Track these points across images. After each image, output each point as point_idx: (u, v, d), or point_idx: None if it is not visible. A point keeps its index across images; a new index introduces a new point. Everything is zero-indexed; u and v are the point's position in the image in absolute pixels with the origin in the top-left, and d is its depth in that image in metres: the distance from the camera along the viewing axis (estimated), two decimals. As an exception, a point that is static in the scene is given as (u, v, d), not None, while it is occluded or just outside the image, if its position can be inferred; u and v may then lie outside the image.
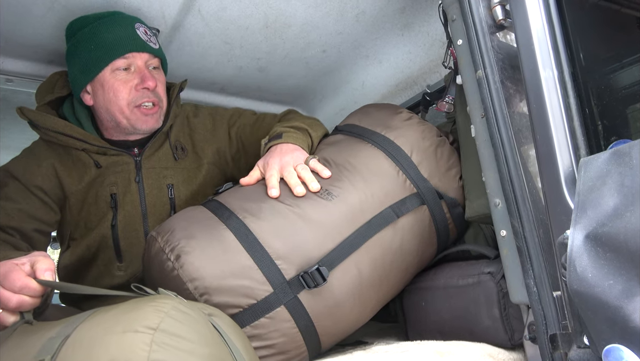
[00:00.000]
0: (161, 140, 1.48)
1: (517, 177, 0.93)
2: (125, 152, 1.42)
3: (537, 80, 0.89)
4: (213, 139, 1.58)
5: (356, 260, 1.10)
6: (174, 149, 1.49)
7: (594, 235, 0.69)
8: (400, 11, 1.59)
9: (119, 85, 1.33)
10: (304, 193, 1.13)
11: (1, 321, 0.85)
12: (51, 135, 1.36)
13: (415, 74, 1.84)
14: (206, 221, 1.09)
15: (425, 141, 1.27)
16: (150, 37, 1.38)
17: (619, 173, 0.69)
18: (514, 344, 1.08)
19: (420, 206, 1.21)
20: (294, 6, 1.49)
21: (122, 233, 1.40)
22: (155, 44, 1.39)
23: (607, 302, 0.66)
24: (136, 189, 1.41)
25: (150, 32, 1.40)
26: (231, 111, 1.65)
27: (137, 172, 1.42)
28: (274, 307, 1.01)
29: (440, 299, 1.22)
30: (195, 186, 1.49)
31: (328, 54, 1.78)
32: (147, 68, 1.36)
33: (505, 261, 0.99)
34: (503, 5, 0.99)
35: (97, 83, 1.35)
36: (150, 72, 1.36)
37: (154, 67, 1.40)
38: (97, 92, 1.36)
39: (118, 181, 1.40)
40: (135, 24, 1.36)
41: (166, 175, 1.46)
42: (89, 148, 1.38)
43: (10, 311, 0.86)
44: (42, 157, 1.38)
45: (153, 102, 1.37)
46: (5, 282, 0.85)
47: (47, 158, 1.38)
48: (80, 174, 1.38)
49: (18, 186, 1.33)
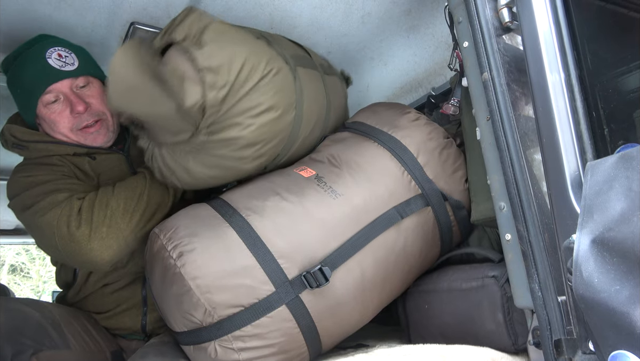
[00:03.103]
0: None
1: (523, 180, 0.93)
2: (113, 152, 1.44)
3: (544, 83, 0.88)
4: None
5: (359, 261, 1.09)
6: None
7: (600, 240, 0.69)
8: (406, 13, 1.59)
9: (55, 117, 1.35)
10: None
11: None
12: (40, 149, 1.36)
13: (421, 76, 1.84)
14: (209, 219, 1.09)
15: (432, 142, 1.27)
16: (66, 58, 1.37)
17: (626, 177, 0.69)
18: (517, 349, 1.07)
19: (425, 208, 1.21)
20: (299, 7, 1.49)
21: None
22: (72, 65, 1.37)
23: (614, 308, 0.65)
24: None
25: (65, 52, 1.38)
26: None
27: (129, 167, 1.45)
28: (276, 306, 1.01)
29: (443, 302, 1.21)
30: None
31: (333, 55, 1.78)
32: (73, 93, 1.36)
33: (510, 265, 0.98)
34: (510, 8, 0.99)
35: (39, 117, 1.38)
36: (77, 96, 1.36)
37: (82, 87, 1.39)
38: (43, 124, 1.39)
39: (114, 177, 1.40)
40: (46, 52, 1.34)
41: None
42: (78, 151, 1.38)
43: None
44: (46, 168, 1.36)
45: (92, 122, 1.38)
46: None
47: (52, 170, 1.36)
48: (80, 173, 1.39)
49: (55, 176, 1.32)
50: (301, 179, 1.19)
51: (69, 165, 1.36)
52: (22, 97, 1.38)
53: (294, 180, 1.18)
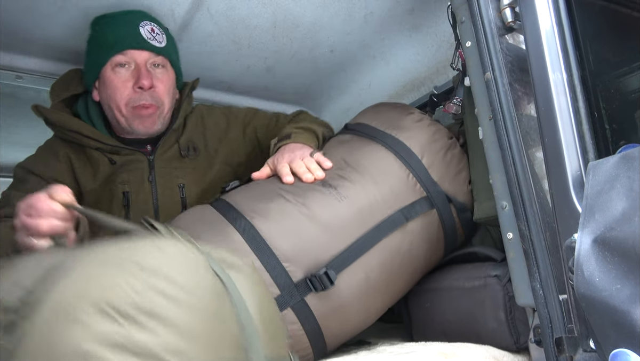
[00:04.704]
0: (173, 139, 1.48)
1: (525, 180, 0.93)
2: (137, 150, 1.42)
3: (546, 83, 0.88)
4: (226, 138, 1.58)
5: (364, 263, 1.09)
6: (185, 149, 1.49)
7: (601, 239, 0.69)
8: (408, 12, 1.59)
9: (117, 82, 1.34)
10: (312, 179, 1.15)
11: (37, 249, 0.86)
12: (66, 133, 1.38)
13: (423, 75, 1.84)
14: (214, 222, 1.08)
15: (437, 144, 1.26)
16: (156, 35, 1.38)
17: (627, 177, 0.69)
18: (519, 347, 1.08)
19: (430, 210, 1.20)
20: (302, 6, 1.49)
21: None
22: (160, 43, 1.38)
23: (615, 306, 0.66)
24: (149, 189, 1.41)
25: (159, 30, 1.40)
26: (245, 110, 1.66)
27: (150, 171, 1.42)
28: (281, 309, 1.00)
29: (445, 301, 1.22)
30: (206, 185, 1.49)
31: (336, 54, 1.78)
32: (145, 66, 1.36)
33: (512, 264, 0.99)
34: (512, 8, 0.99)
35: (101, 79, 1.37)
36: (148, 71, 1.36)
37: (156, 66, 1.39)
38: (101, 89, 1.39)
39: (131, 180, 1.40)
40: (141, 22, 1.36)
41: (177, 175, 1.46)
42: (102, 147, 1.38)
43: (43, 237, 0.85)
44: (59, 153, 1.38)
45: (149, 105, 1.37)
46: (31, 210, 0.85)
47: (64, 155, 1.38)
48: (94, 172, 1.39)
49: (38, 181, 1.33)
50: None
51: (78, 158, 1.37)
52: (95, 52, 1.37)
53: (298, 183, 1.17)
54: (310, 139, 1.36)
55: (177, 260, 0.65)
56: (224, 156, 1.56)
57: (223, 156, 1.56)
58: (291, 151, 1.27)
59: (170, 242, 0.69)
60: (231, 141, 1.59)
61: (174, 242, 0.69)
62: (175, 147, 1.48)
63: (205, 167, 1.52)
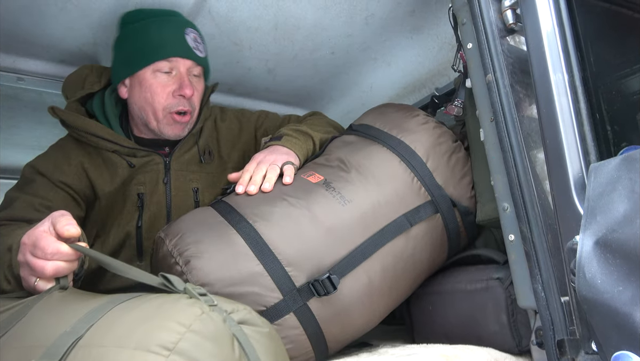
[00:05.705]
0: (191, 142, 1.48)
1: (526, 181, 0.93)
2: (154, 152, 1.42)
3: (548, 84, 0.88)
4: (239, 142, 1.58)
5: (367, 268, 1.08)
6: (201, 153, 1.49)
7: (603, 241, 0.69)
8: (409, 14, 1.59)
9: (157, 87, 1.33)
10: (256, 191, 1.14)
11: (40, 290, 0.84)
12: (82, 135, 1.36)
13: (424, 77, 1.84)
14: (216, 225, 1.07)
15: (442, 147, 1.24)
16: (199, 44, 1.38)
17: (629, 179, 0.69)
18: (521, 350, 1.08)
19: (434, 215, 1.19)
20: (303, 8, 1.49)
21: (146, 234, 1.39)
22: (202, 53, 1.39)
23: (617, 308, 0.65)
24: (163, 191, 1.41)
25: (200, 39, 1.40)
26: (257, 113, 1.66)
27: (165, 173, 1.42)
28: (283, 314, 1.00)
29: (447, 303, 1.21)
30: (219, 190, 1.48)
31: (337, 56, 1.79)
32: (188, 75, 1.36)
33: (513, 266, 0.99)
34: (514, 9, 0.99)
35: (136, 79, 1.36)
36: (189, 80, 1.36)
37: (195, 75, 1.39)
38: (134, 88, 1.37)
39: (146, 181, 1.39)
40: (186, 28, 1.36)
41: (192, 178, 1.46)
42: (119, 150, 1.38)
43: (47, 279, 0.84)
44: (71, 155, 1.37)
45: (187, 111, 1.37)
46: (37, 251, 0.83)
47: (77, 157, 1.37)
48: (111, 175, 1.38)
49: (46, 183, 1.32)
50: (309, 184, 1.16)
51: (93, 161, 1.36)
52: (134, 52, 1.34)
53: (301, 186, 1.16)
54: (300, 145, 1.33)
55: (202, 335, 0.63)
56: (237, 160, 1.56)
57: (235, 161, 1.56)
58: (270, 153, 1.27)
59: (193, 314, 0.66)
60: (243, 145, 1.59)
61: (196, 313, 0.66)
62: (193, 151, 1.48)
63: (218, 172, 1.52)
